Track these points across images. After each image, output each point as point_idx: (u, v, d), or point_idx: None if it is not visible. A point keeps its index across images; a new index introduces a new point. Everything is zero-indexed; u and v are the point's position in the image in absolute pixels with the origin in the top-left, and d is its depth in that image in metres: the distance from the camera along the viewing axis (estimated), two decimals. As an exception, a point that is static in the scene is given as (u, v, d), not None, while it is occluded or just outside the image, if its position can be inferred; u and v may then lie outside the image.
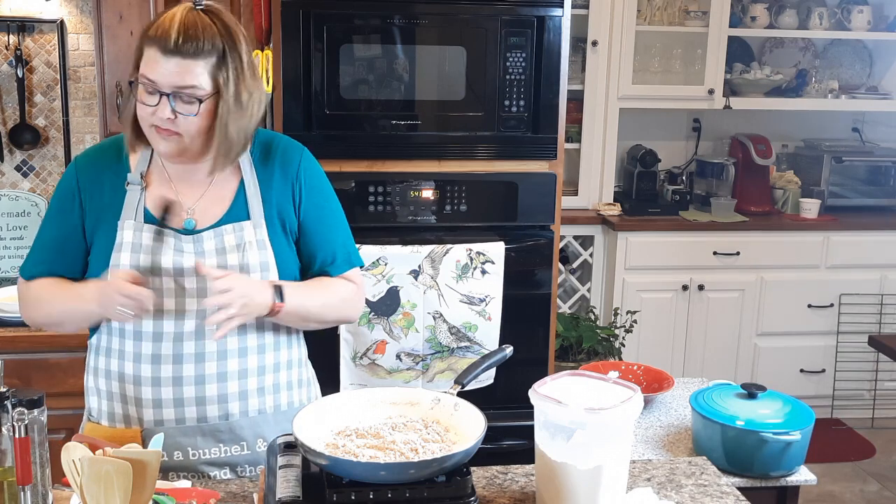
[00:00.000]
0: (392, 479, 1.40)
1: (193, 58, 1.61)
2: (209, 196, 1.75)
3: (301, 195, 1.80)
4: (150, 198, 1.73)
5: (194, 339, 1.70)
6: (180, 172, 1.75)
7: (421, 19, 2.83)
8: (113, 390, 1.75)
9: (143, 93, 1.64)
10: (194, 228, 1.72)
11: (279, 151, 1.80)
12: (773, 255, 4.23)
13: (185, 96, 1.62)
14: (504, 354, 1.76)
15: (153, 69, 1.62)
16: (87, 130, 3.42)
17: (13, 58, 3.28)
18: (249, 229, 1.73)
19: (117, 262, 1.68)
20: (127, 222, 1.70)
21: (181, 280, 1.69)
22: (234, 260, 1.71)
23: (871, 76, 4.72)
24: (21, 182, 3.41)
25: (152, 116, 1.64)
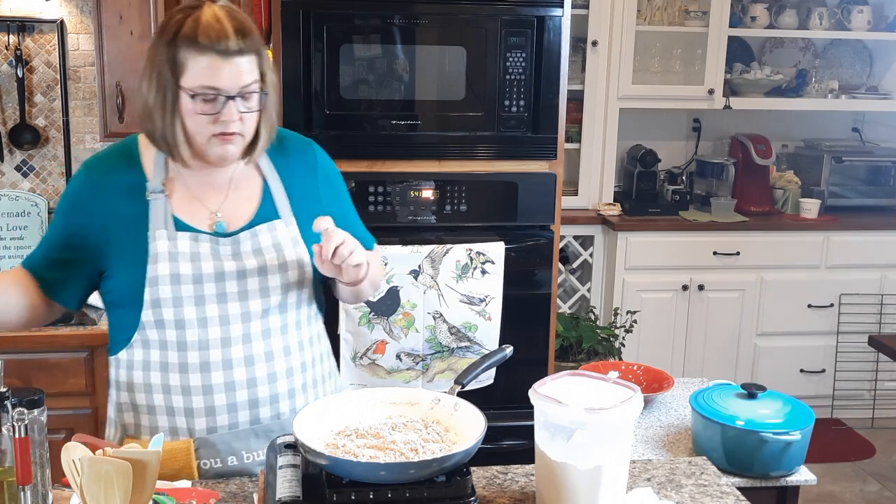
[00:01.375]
0: (392, 479, 1.40)
1: (249, 54, 1.59)
2: (234, 197, 1.73)
3: (323, 185, 1.81)
4: (177, 204, 1.69)
5: (242, 342, 1.68)
6: (200, 177, 1.71)
7: (421, 19, 2.83)
8: (156, 403, 1.70)
9: (200, 105, 1.59)
10: (226, 231, 1.70)
11: (292, 145, 1.80)
12: (773, 255, 4.23)
13: (246, 94, 1.60)
14: (504, 354, 1.76)
15: (216, 76, 1.57)
16: (87, 130, 3.42)
17: (13, 58, 3.29)
18: (282, 227, 1.72)
19: (155, 274, 1.64)
20: (158, 232, 1.65)
21: (223, 285, 1.67)
22: (272, 260, 1.69)
23: (871, 76, 4.72)
24: (21, 182, 3.41)
25: (214, 124, 1.60)
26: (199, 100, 1.58)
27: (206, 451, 1.68)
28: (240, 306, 1.68)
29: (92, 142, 3.42)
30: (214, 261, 1.66)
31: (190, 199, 1.70)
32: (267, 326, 1.71)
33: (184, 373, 1.67)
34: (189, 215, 1.69)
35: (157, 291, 1.65)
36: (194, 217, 1.69)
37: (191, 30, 1.57)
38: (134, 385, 1.72)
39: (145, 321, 1.67)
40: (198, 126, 1.61)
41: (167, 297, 1.65)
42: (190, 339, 1.67)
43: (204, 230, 1.68)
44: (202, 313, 1.66)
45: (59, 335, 2.79)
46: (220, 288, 1.67)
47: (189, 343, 1.67)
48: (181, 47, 1.57)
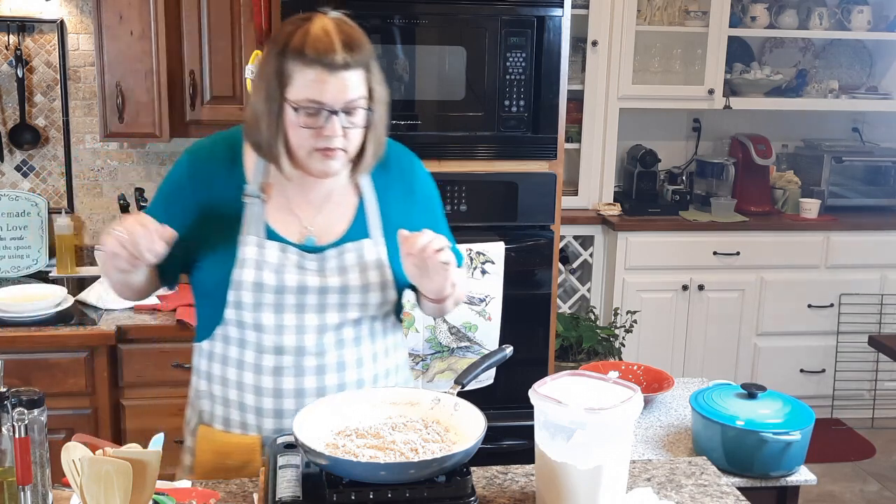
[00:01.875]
0: (392, 479, 1.40)
1: (356, 68, 1.58)
2: (328, 212, 1.72)
3: (419, 207, 1.80)
4: (271, 211, 1.69)
5: (315, 352, 1.70)
6: (299, 187, 1.70)
7: (421, 19, 2.83)
8: (230, 397, 1.73)
9: (303, 116, 1.57)
10: (315, 245, 1.70)
11: (394, 163, 1.78)
12: (773, 255, 4.23)
13: (351, 110, 1.59)
14: (504, 354, 1.76)
15: (320, 90, 1.56)
16: (87, 130, 3.42)
17: (13, 58, 3.29)
18: (370, 248, 1.72)
19: (240, 278, 1.66)
20: (249, 237, 1.67)
21: (303, 297, 1.68)
22: (354, 280, 1.69)
23: (871, 76, 4.72)
24: (21, 182, 3.41)
25: (317, 139, 1.59)
26: (302, 113, 1.57)
27: None
28: (317, 318, 1.69)
29: (92, 142, 3.42)
30: (298, 274, 1.67)
31: (285, 208, 1.70)
32: (341, 338, 1.72)
33: (258, 373, 1.70)
34: (281, 225, 1.70)
35: (240, 295, 1.67)
36: (286, 227, 1.70)
37: (299, 42, 1.56)
38: (212, 376, 1.76)
39: (227, 318, 1.70)
40: (300, 139, 1.60)
41: (248, 301, 1.67)
42: (266, 344, 1.69)
43: (293, 242, 1.69)
44: (280, 321, 1.68)
45: (59, 335, 2.79)
46: (300, 299, 1.68)
47: (265, 346, 1.69)
48: (289, 59, 1.56)
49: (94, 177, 3.46)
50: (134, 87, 3.05)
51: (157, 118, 3.07)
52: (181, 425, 2.92)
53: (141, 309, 2.98)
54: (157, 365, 2.88)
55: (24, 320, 2.84)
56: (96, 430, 2.84)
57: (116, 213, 3.42)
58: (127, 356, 2.87)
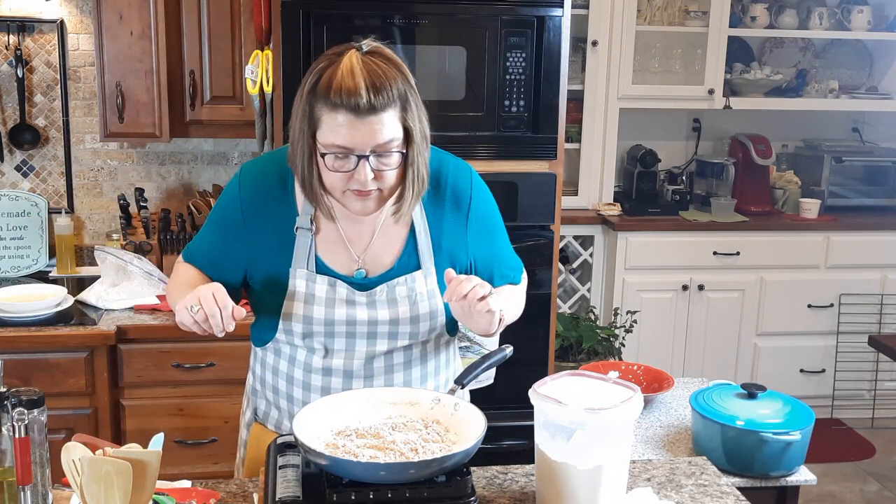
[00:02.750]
0: (392, 479, 1.40)
1: (385, 110, 1.51)
2: (379, 244, 1.70)
3: (472, 232, 1.76)
4: (321, 244, 1.68)
5: (363, 376, 1.71)
6: (350, 220, 1.67)
7: (421, 19, 2.83)
8: (281, 406, 1.78)
9: (332, 161, 1.54)
10: (365, 278, 1.69)
11: (449, 184, 1.73)
12: (773, 255, 4.23)
13: (383, 152, 1.54)
14: (504, 354, 1.76)
15: (347, 136, 1.51)
16: (87, 130, 3.42)
17: (13, 58, 3.29)
18: (420, 280, 1.70)
19: (290, 310, 1.67)
20: (299, 271, 1.67)
21: (352, 328, 1.68)
22: (404, 312, 1.69)
23: (871, 76, 4.71)
24: (21, 182, 3.41)
25: (349, 182, 1.55)
26: (331, 158, 1.54)
27: None
28: (366, 344, 1.70)
29: (92, 142, 3.42)
30: (348, 309, 1.68)
31: (335, 240, 1.68)
32: (390, 363, 1.73)
33: (306, 390, 1.73)
34: (332, 257, 1.68)
35: (290, 324, 1.69)
36: (336, 260, 1.69)
37: (325, 84, 1.51)
38: (266, 382, 1.80)
39: (279, 337, 1.73)
40: (333, 181, 1.57)
41: (298, 331, 1.69)
42: (315, 365, 1.71)
43: (343, 275, 1.68)
44: (330, 345, 1.70)
45: (59, 335, 2.79)
46: (350, 329, 1.69)
47: (314, 367, 1.71)
48: (317, 101, 1.53)
49: (94, 177, 3.46)
50: (134, 87, 3.05)
51: (157, 118, 3.07)
52: (181, 425, 2.95)
53: (141, 309, 2.98)
54: (157, 365, 2.88)
55: (24, 320, 2.84)
56: (96, 430, 2.84)
57: (116, 213, 3.42)
58: (127, 356, 2.87)
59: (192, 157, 3.50)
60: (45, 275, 3.30)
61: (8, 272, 3.29)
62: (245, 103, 3.10)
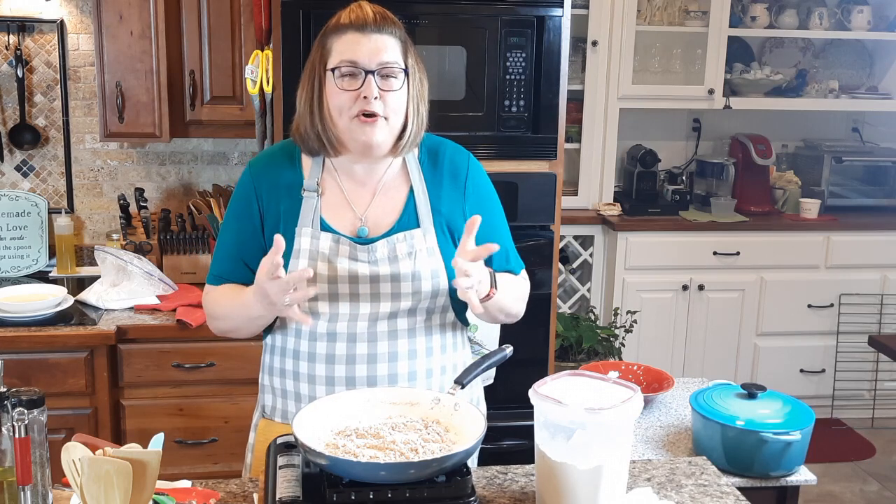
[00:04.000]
0: (392, 479, 1.40)
1: (390, 34, 1.68)
2: (380, 204, 1.77)
3: (470, 204, 1.82)
4: (326, 205, 1.75)
5: (367, 340, 1.73)
6: (353, 179, 1.77)
7: (421, 19, 2.83)
8: (287, 388, 1.79)
9: (340, 79, 1.66)
10: (367, 236, 1.74)
11: (447, 158, 1.83)
12: (773, 255, 4.23)
13: (386, 73, 1.67)
14: (504, 354, 1.77)
15: (355, 50, 1.66)
16: (87, 130, 3.42)
17: (13, 58, 3.29)
18: (420, 237, 1.75)
19: (295, 268, 1.70)
20: (304, 229, 1.73)
21: (356, 286, 1.71)
22: (406, 268, 1.72)
23: (871, 76, 4.72)
24: (21, 182, 3.42)
25: (356, 102, 1.66)
26: (338, 75, 1.66)
27: None
28: (370, 307, 1.72)
29: (92, 142, 3.42)
30: (350, 264, 1.71)
31: (339, 201, 1.76)
32: (394, 328, 1.74)
33: (311, 362, 1.75)
34: (335, 218, 1.75)
35: None
36: (340, 220, 1.75)
37: (336, 20, 1.70)
38: (274, 368, 1.81)
39: None
40: (340, 104, 1.68)
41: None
42: (320, 331, 1.73)
43: (346, 234, 1.74)
44: (334, 309, 1.72)
45: (59, 335, 2.79)
46: (353, 289, 1.71)
47: (318, 334, 1.73)
48: (328, 37, 1.69)
49: (94, 177, 3.46)
50: (134, 87, 3.05)
51: (157, 118, 3.07)
52: (181, 425, 2.95)
53: (141, 309, 2.98)
54: (157, 365, 2.88)
55: (24, 320, 2.84)
56: (96, 430, 2.84)
57: (116, 213, 3.42)
58: (127, 356, 2.87)
59: (192, 157, 3.50)
60: (45, 275, 3.30)
61: (8, 272, 3.29)
62: (245, 103, 3.10)
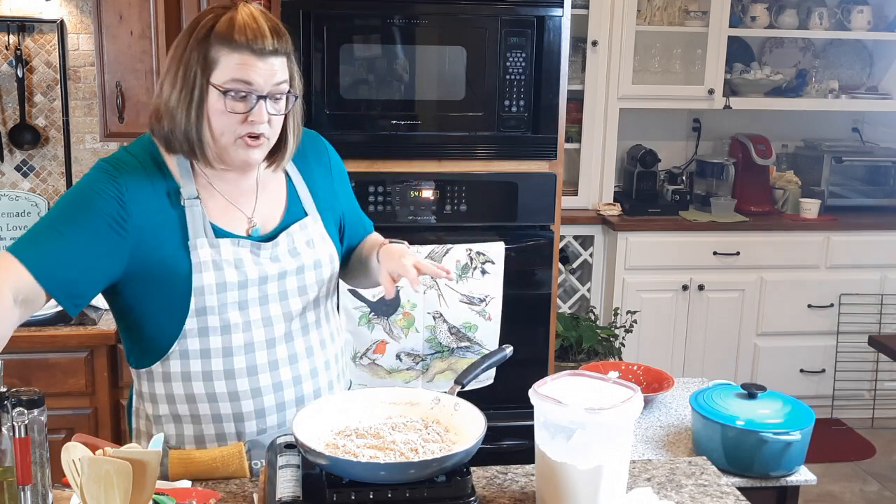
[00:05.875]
0: (392, 479, 1.40)
1: (283, 54, 1.58)
2: (264, 199, 1.72)
3: (337, 183, 1.85)
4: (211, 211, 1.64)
5: (285, 342, 1.70)
6: (229, 182, 1.68)
7: (421, 19, 2.83)
8: (201, 413, 1.67)
9: (232, 103, 1.55)
10: (261, 234, 1.70)
11: (309, 146, 1.80)
12: (773, 255, 4.23)
13: (276, 95, 1.59)
14: (504, 354, 1.76)
15: (248, 73, 1.54)
16: (87, 130, 3.42)
17: (13, 58, 3.29)
18: (312, 224, 1.74)
19: (200, 283, 1.60)
20: (199, 240, 1.61)
21: (265, 288, 1.67)
22: (308, 258, 1.71)
23: (871, 76, 4.72)
24: (21, 182, 3.41)
25: (243, 125, 1.57)
26: (229, 98, 1.55)
27: (258, 451, 1.69)
28: (280, 307, 1.69)
29: (92, 142, 3.42)
30: (256, 265, 1.66)
31: (224, 205, 1.67)
32: (305, 323, 1.73)
33: (230, 379, 1.66)
34: (226, 221, 1.66)
35: (202, 300, 1.61)
36: (230, 222, 1.67)
37: (225, 27, 1.55)
38: (174, 396, 1.67)
39: (188, 329, 1.62)
40: (225, 125, 1.57)
41: (213, 304, 1.62)
42: (236, 344, 1.65)
43: (241, 235, 1.67)
44: (246, 317, 1.66)
45: (59, 335, 2.79)
46: (262, 291, 1.67)
47: (235, 348, 1.65)
48: (214, 44, 1.55)
49: (94, 177, 3.46)
50: (134, 87, 3.05)
51: (157, 118, 3.07)
52: (181, 425, 2.94)
53: (141, 309, 2.97)
54: (157, 365, 2.88)
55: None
56: (96, 430, 2.84)
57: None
58: (127, 356, 2.87)
59: (192, 157, 3.50)
60: None
61: (8, 272, 3.29)
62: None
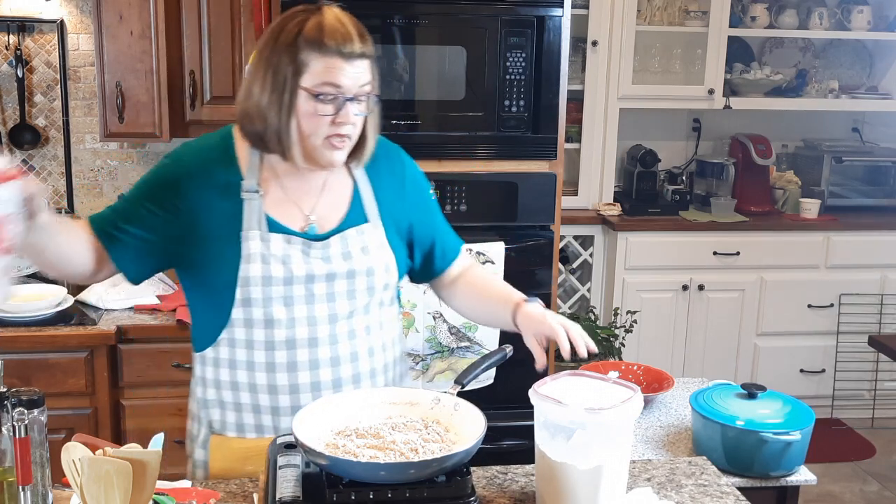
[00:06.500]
0: (392, 479, 1.40)
1: (369, 57, 1.62)
2: (325, 201, 1.73)
3: (409, 194, 1.83)
4: (270, 205, 1.69)
5: (329, 343, 1.70)
6: (295, 179, 1.71)
7: (421, 19, 2.83)
8: (242, 401, 1.72)
9: (321, 106, 1.60)
10: (317, 234, 1.71)
11: (382, 153, 1.80)
12: (773, 255, 4.23)
13: (361, 97, 1.63)
14: (504, 354, 1.77)
15: (338, 77, 1.58)
16: (87, 130, 3.42)
17: (13, 58, 3.29)
18: (371, 232, 1.74)
19: (247, 274, 1.64)
20: (251, 232, 1.66)
21: (311, 287, 1.68)
22: (360, 264, 1.71)
23: (870, 76, 4.71)
24: (21, 182, 3.41)
25: (330, 126, 1.61)
26: (319, 100, 1.59)
27: None
28: (327, 308, 1.69)
29: (92, 142, 3.42)
30: (305, 263, 1.67)
31: (284, 200, 1.70)
32: (352, 328, 1.72)
33: (271, 372, 1.69)
34: (282, 216, 1.69)
35: (248, 291, 1.66)
36: (287, 218, 1.70)
37: (315, 32, 1.58)
38: (221, 382, 1.73)
39: (235, 318, 1.68)
40: (314, 127, 1.61)
41: (258, 297, 1.66)
42: (278, 339, 1.68)
43: (296, 231, 1.69)
44: (291, 314, 1.67)
45: (59, 335, 2.79)
46: (308, 290, 1.68)
47: (277, 343, 1.68)
48: (303, 48, 1.58)
49: (94, 177, 3.46)
50: (134, 87, 3.05)
51: (157, 118, 3.07)
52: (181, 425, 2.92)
53: (141, 309, 2.98)
54: (157, 365, 2.88)
55: (24, 320, 2.84)
56: (96, 430, 2.84)
57: (116, 213, 3.42)
58: (127, 356, 2.87)
59: (192, 157, 3.50)
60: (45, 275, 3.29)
61: (8, 272, 3.29)
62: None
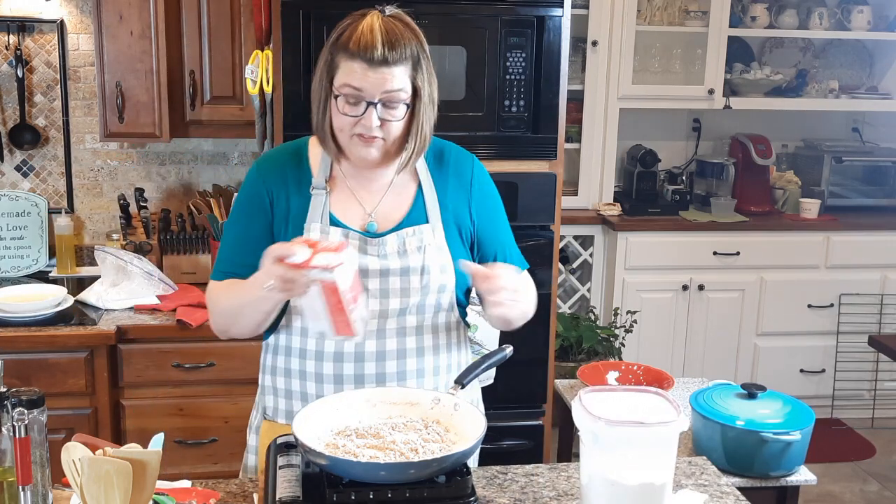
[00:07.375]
0: (392, 480, 1.40)
1: (397, 65, 1.64)
2: (388, 201, 1.78)
3: (475, 202, 1.84)
4: (335, 202, 1.75)
5: (375, 338, 1.73)
6: (361, 178, 1.77)
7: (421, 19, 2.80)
8: (293, 388, 1.77)
9: (343, 103, 1.66)
10: (376, 231, 1.75)
11: (452, 159, 1.85)
12: (773, 255, 4.23)
13: (390, 102, 1.65)
14: (504, 354, 1.77)
15: (359, 80, 1.64)
16: (87, 130, 3.42)
17: (13, 58, 3.29)
18: (429, 232, 1.76)
19: None
20: (313, 224, 1.73)
21: (364, 282, 1.70)
22: (415, 262, 1.73)
23: (870, 76, 4.72)
24: (21, 182, 3.41)
25: (355, 126, 1.66)
26: (342, 100, 1.66)
27: None
28: (379, 303, 1.72)
29: (92, 142, 3.42)
30: (360, 258, 1.71)
31: (348, 199, 1.77)
32: (402, 325, 1.74)
33: (318, 360, 1.74)
34: (344, 213, 1.75)
35: None
36: (349, 215, 1.76)
37: (346, 36, 1.66)
38: (277, 369, 1.80)
39: (292, 306, 1.73)
40: (341, 124, 1.68)
41: None
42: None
43: (355, 228, 1.74)
44: None
45: (59, 335, 2.79)
46: (362, 283, 1.69)
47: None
48: (338, 51, 1.67)
49: (94, 177, 3.46)
50: (134, 87, 3.05)
51: (157, 118, 3.07)
52: (181, 425, 2.95)
53: (141, 309, 2.98)
54: (157, 365, 2.88)
55: (24, 320, 2.84)
56: (96, 430, 2.84)
57: (116, 213, 3.42)
58: (127, 356, 2.87)
59: (192, 157, 3.50)
60: (45, 275, 3.29)
61: (8, 272, 3.29)
62: (245, 103, 3.10)
